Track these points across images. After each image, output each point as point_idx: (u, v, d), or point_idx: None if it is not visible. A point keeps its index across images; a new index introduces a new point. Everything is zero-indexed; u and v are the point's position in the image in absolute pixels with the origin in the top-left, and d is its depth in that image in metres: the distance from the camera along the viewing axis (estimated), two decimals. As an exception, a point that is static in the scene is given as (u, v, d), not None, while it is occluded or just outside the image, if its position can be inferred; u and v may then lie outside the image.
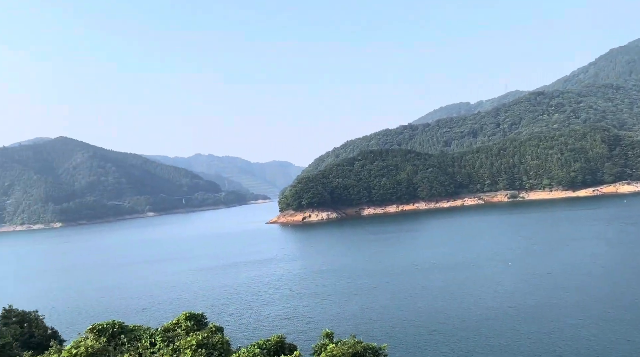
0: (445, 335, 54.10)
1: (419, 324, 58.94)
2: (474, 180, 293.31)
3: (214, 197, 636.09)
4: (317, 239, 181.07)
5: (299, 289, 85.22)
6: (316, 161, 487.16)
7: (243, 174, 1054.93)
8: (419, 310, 65.43)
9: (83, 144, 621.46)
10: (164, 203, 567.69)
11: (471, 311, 62.71)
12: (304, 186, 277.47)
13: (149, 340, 27.06)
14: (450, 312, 62.72)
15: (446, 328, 56.41)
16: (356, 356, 24.40)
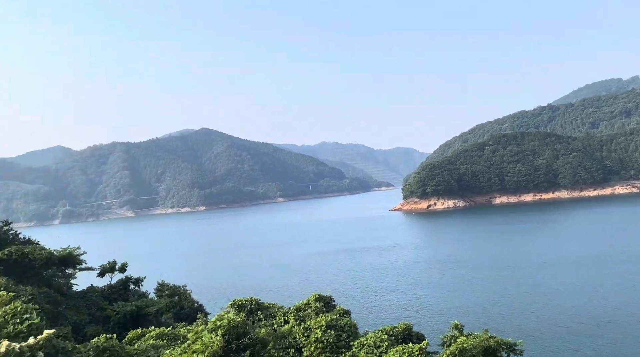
0: (587, 336, 49.03)
1: (555, 322, 54.19)
2: (627, 165, 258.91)
3: (339, 184, 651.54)
4: (443, 227, 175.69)
5: (422, 278, 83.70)
6: (442, 147, 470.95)
7: (366, 161, 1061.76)
8: (556, 307, 60.11)
9: (222, 135, 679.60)
10: (293, 189, 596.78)
11: (618, 312, 55.85)
12: (429, 173, 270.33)
13: (283, 318, 28.71)
14: (593, 312, 56.60)
15: (588, 328, 51.06)
16: (489, 351, 23.19)
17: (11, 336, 15.70)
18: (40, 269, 35.67)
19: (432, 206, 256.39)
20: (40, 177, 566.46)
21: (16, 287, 29.96)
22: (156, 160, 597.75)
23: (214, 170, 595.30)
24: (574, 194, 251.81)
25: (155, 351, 20.93)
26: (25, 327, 16.31)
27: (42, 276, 35.89)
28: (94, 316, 33.79)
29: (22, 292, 28.85)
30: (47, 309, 28.62)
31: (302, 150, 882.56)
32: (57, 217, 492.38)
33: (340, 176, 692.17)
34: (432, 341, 30.33)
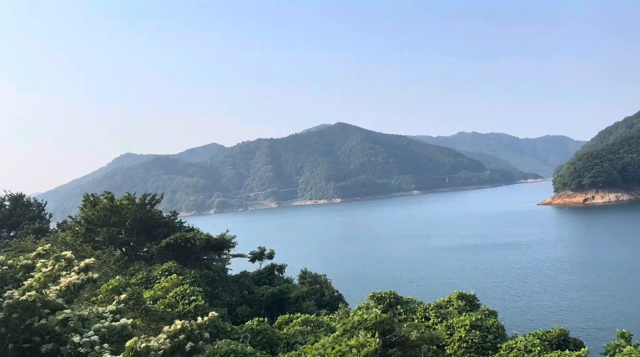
0: None
1: None
2: None
3: (478, 176, 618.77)
4: (601, 223, 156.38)
5: (575, 280, 75.69)
6: (601, 134, 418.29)
7: (510, 151, 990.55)
8: None
9: (356, 128, 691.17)
10: (428, 182, 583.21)
11: None
12: (585, 163, 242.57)
13: (423, 314, 28.12)
14: None
15: None
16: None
17: (181, 314, 17.81)
18: (200, 253, 39.98)
19: (590, 199, 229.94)
20: (198, 171, 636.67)
21: (182, 270, 33.98)
22: (296, 154, 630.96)
23: (348, 163, 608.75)
24: None
25: (303, 336, 21.99)
26: (193, 307, 18.34)
27: (202, 260, 40.20)
28: (245, 298, 36.80)
29: (187, 275, 32.59)
30: (206, 290, 31.90)
31: (437, 142, 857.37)
32: (212, 207, 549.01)
33: (480, 168, 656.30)
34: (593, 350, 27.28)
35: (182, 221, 47.43)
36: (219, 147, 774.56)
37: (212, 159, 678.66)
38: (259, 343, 20.04)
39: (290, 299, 36.33)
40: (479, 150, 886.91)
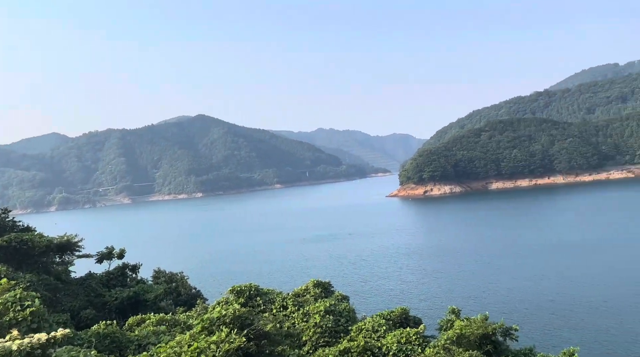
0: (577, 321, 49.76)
1: (552, 310, 54.77)
2: (622, 151, 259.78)
3: (335, 170, 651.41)
4: (438, 213, 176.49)
5: (417, 265, 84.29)
6: (438, 133, 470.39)
7: (363, 147, 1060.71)
8: (553, 295, 60.72)
9: (218, 121, 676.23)
10: (290, 176, 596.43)
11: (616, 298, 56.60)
12: (425, 159, 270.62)
13: (281, 303, 28.94)
14: (589, 300, 57.29)
15: (582, 316, 51.70)
16: (486, 336, 23.44)
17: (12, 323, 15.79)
18: (39, 257, 35.71)
19: (429, 191, 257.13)
20: (36, 164, 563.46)
21: (15, 275, 30.02)
22: (152, 146, 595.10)
23: (210, 156, 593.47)
24: (569, 179, 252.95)
25: (156, 336, 21.09)
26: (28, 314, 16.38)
27: (40, 263, 35.95)
28: (92, 302, 33.93)
29: (21, 280, 28.91)
30: (45, 296, 28.72)
31: (298, 137, 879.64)
32: (53, 204, 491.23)
33: (337, 163, 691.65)
34: (429, 326, 30.71)
35: (15, 220, 41.72)
36: (61, 138, 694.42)
37: (52, 151, 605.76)
38: (106, 347, 18.75)
39: (148, 300, 34.49)
40: (336, 146, 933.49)
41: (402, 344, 22.39)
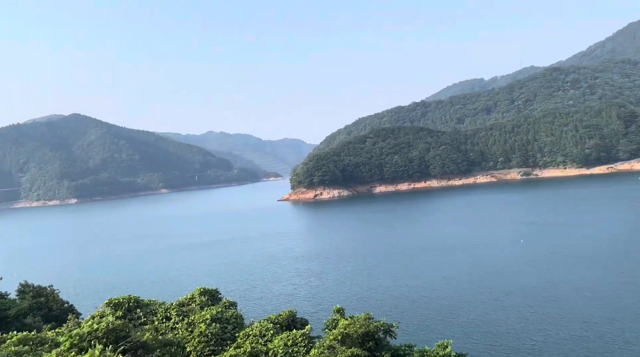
0: (454, 316, 54.60)
1: (427, 306, 59.30)
2: (487, 157, 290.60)
3: (226, 175, 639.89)
4: (328, 216, 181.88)
5: (306, 267, 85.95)
6: (327, 139, 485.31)
7: (255, 151, 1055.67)
8: (427, 291, 65.82)
9: (96, 121, 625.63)
10: (177, 180, 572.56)
11: (479, 292, 63.01)
12: (315, 164, 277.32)
13: (164, 314, 27.68)
14: (459, 294, 63.10)
15: (455, 310, 56.79)
16: (368, 334, 24.60)
17: None
18: None
19: (319, 195, 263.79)
20: None
21: None
22: (18, 148, 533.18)
23: (86, 159, 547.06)
24: (442, 183, 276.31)
25: (18, 358, 18.93)
26: None
27: None
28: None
29: None
30: None
31: (187, 140, 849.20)
32: None
33: (228, 167, 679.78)
34: (316, 326, 31.48)
35: None
36: None
37: None
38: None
39: (9, 317, 30.78)
40: (227, 150, 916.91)
41: (289, 347, 22.70)
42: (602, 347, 41.53)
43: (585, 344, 42.59)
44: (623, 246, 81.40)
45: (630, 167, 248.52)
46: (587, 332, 45.23)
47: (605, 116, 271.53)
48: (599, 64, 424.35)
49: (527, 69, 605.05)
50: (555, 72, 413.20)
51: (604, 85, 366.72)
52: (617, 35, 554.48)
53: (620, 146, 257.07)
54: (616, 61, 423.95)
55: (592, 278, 63.25)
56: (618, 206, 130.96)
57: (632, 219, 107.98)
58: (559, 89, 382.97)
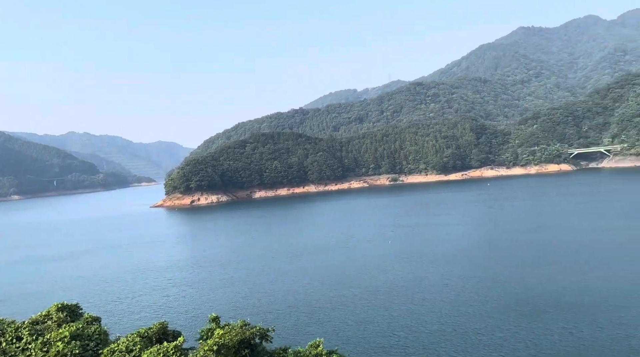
0: (327, 316, 56.84)
1: (302, 309, 60.97)
2: (360, 164, 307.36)
3: (91, 179, 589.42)
4: (205, 223, 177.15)
5: (179, 276, 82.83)
6: (206, 143, 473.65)
7: (124, 154, 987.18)
8: (303, 294, 67.64)
9: None
10: (32, 185, 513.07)
11: (350, 292, 66.48)
12: (192, 168, 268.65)
13: (15, 334, 24.82)
14: (332, 295, 65.87)
15: (328, 310, 59.16)
16: (244, 341, 24.65)
17: None
18: None
19: (196, 201, 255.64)
20: None
21: None
22: None
23: None
24: (320, 188, 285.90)
25: None
26: None
27: None
28: None
29: None
30: None
31: (44, 141, 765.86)
32: None
33: (93, 171, 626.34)
34: (191, 337, 30.62)
35: None
36: None
37: None
38: None
39: None
40: (91, 152, 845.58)
41: (159, 360, 21.86)
42: (457, 339, 46.39)
43: (442, 336, 47.20)
44: (475, 244, 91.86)
45: (481, 174, 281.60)
46: (444, 325, 50.17)
47: (460, 128, 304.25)
48: (455, 81, 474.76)
49: (394, 82, 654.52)
50: (419, 86, 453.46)
51: (459, 100, 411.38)
52: (470, 55, 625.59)
53: (472, 155, 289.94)
54: (469, 79, 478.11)
55: (449, 275, 70.34)
56: (470, 208, 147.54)
57: (482, 220, 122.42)
58: (421, 102, 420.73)
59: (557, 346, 42.45)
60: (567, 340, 43.54)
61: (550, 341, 43.74)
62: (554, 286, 59.88)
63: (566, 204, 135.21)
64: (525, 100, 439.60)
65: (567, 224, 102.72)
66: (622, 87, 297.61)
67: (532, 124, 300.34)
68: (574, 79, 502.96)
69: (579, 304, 52.59)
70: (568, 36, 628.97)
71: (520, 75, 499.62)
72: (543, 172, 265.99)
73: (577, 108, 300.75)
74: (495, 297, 57.67)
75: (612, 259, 70.20)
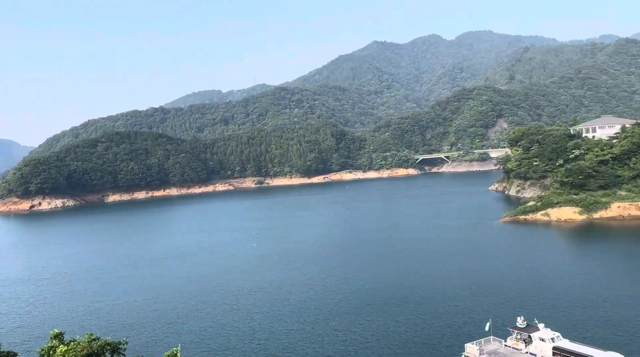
0: (186, 324, 55.34)
1: (157, 318, 58.42)
2: (225, 166, 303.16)
3: None
4: (46, 231, 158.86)
5: (15, 293, 73.85)
6: (49, 141, 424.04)
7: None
8: (160, 304, 64.82)
9: None
10: None
11: (212, 297, 65.58)
12: (32, 169, 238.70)
13: None
14: (192, 301, 64.30)
15: (186, 319, 57.62)
16: (93, 355, 23.10)
17: None
18: None
19: (37, 206, 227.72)
20: None
21: None
22: None
23: None
24: (182, 191, 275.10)
25: None
26: None
27: None
28: None
29: None
30: None
31: None
32: None
33: None
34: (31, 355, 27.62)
35: None
36: None
37: None
38: None
39: None
40: None
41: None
42: (316, 337, 48.47)
43: (302, 335, 48.95)
44: (334, 243, 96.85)
45: (341, 178, 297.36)
46: (304, 325, 52.11)
47: (322, 133, 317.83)
48: (317, 88, 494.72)
49: (260, 86, 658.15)
50: (283, 91, 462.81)
51: (321, 107, 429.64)
52: (331, 64, 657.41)
53: (333, 160, 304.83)
54: (330, 87, 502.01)
55: (310, 275, 73.19)
56: (331, 209, 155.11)
57: (340, 221, 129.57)
58: (286, 107, 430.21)
59: (404, 336, 46.89)
60: (412, 330, 48.33)
61: (398, 332, 48.15)
62: (402, 280, 66.00)
63: (413, 205, 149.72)
64: (378, 109, 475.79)
65: (412, 224, 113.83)
66: (459, 101, 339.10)
67: (384, 132, 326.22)
68: (420, 92, 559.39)
69: (422, 296, 58.77)
70: (415, 52, 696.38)
71: (374, 86, 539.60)
72: (394, 175, 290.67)
73: (422, 118, 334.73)
74: (352, 294, 61.61)
75: (449, 255, 79.74)
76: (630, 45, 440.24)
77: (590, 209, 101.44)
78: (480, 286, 60.86)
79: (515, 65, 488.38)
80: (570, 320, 47.27)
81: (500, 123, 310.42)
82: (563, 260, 72.57)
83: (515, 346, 40.06)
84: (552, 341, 37.96)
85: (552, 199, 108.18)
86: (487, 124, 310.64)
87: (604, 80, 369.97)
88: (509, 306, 52.15)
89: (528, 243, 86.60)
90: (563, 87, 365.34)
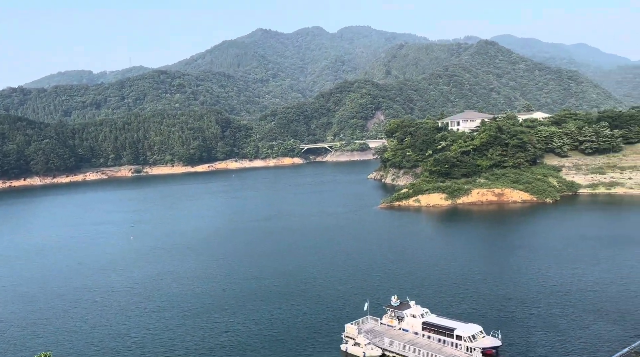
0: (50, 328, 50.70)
1: (18, 321, 52.79)
2: (98, 154, 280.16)
3: None
4: None
5: None
6: None
7: None
8: (20, 304, 58.57)
9: None
10: None
11: (81, 295, 60.85)
12: None
13: None
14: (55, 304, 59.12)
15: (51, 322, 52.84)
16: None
17: None
18: None
19: None
20: None
21: None
22: None
23: None
24: (47, 181, 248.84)
25: None
26: None
27: None
28: None
29: None
30: None
31: None
32: None
33: None
34: None
35: None
36: None
37: None
38: None
39: None
40: None
41: None
42: (196, 330, 47.25)
43: (182, 330, 47.29)
44: (217, 233, 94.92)
45: (226, 166, 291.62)
46: (184, 318, 50.44)
47: (206, 121, 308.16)
48: (200, 73, 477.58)
49: (136, 68, 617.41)
50: (163, 75, 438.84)
51: (205, 93, 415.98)
52: (215, 49, 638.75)
53: (218, 148, 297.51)
54: (214, 73, 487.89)
55: (191, 267, 70.94)
56: (215, 198, 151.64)
57: (225, 210, 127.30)
58: (166, 92, 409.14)
59: (287, 323, 47.66)
60: (295, 316, 49.27)
61: (280, 319, 48.80)
62: (285, 268, 66.91)
63: (298, 193, 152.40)
64: (264, 98, 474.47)
65: (297, 212, 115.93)
66: (341, 93, 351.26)
67: (270, 121, 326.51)
68: (305, 83, 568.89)
69: (305, 282, 60.17)
70: (299, 42, 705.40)
71: (260, 74, 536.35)
72: (280, 164, 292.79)
73: (307, 108, 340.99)
74: (235, 284, 60.96)
75: (331, 241, 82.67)
76: (489, 47, 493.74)
77: (455, 195, 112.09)
78: (359, 269, 64.18)
79: (391, 61, 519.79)
80: (437, 297, 52.04)
81: (377, 115, 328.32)
82: (431, 242, 79.46)
83: (389, 323, 43.19)
84: (422, 317, 41.62)
85: (422, 186, 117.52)
86: (366, 116, 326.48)
87: (467, 78, 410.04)
88: (385, 286, 55.77)
89: (401, 227, 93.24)
90: (432, 83, 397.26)
